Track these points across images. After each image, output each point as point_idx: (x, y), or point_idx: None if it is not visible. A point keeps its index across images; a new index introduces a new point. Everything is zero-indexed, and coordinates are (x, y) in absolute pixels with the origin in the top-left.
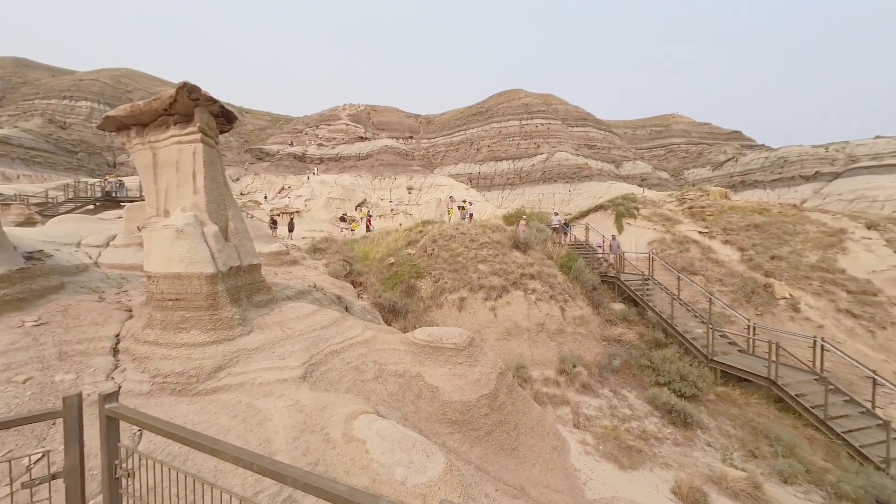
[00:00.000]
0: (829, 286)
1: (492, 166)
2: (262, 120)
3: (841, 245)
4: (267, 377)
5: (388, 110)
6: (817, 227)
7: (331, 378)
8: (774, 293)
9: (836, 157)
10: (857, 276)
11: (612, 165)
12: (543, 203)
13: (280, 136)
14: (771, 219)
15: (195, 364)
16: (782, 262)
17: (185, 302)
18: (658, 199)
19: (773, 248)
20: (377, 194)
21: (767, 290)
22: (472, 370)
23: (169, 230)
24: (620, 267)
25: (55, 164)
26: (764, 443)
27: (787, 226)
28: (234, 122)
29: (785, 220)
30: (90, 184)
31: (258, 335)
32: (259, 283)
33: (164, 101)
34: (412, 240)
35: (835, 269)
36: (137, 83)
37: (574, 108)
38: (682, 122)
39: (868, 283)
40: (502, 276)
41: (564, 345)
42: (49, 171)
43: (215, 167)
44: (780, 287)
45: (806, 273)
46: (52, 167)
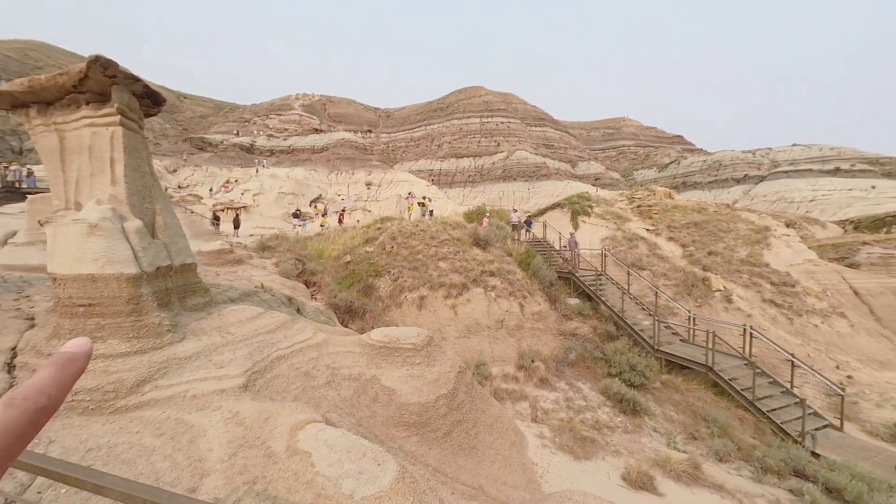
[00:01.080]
0: (756, 279)
1: (453, 163)
2: (203, 107)
3: (766, 241)
4: (202, 388)
5: (345, 102)
6: (747, 226)
7: (277, 386)
8: (711, 286)
9: (762, 162)
10: (779, 269)
11: (568, 165)
12: (504, 201)
13: (225, 125)
14: (708, 217)
15: (113, 378)
16: (718, 258)
17: (100, 307)
18: (610, 198)
19: (710, 245)
20: (334, 189)
21: (705, 284)
22: (430, 370)
23: (80, 225)
24: (576, 263)
25: None
26: (702, 425)
27: (721, 224)
28: (162, 105)
29: (720, 219)
30: None
31: (192, 342)
32: (194, 285)
33: (72, 76)
34: (370, 237)
35: (761, 263)
36: (49, 58)
37: (532, 107)
38: (631, 126)
39: (787, 276)
40: (463, 274)
41: (523, 340)
42: None
43: (139, 154)
44: (715, 280)
45: (737, 267)
46: None
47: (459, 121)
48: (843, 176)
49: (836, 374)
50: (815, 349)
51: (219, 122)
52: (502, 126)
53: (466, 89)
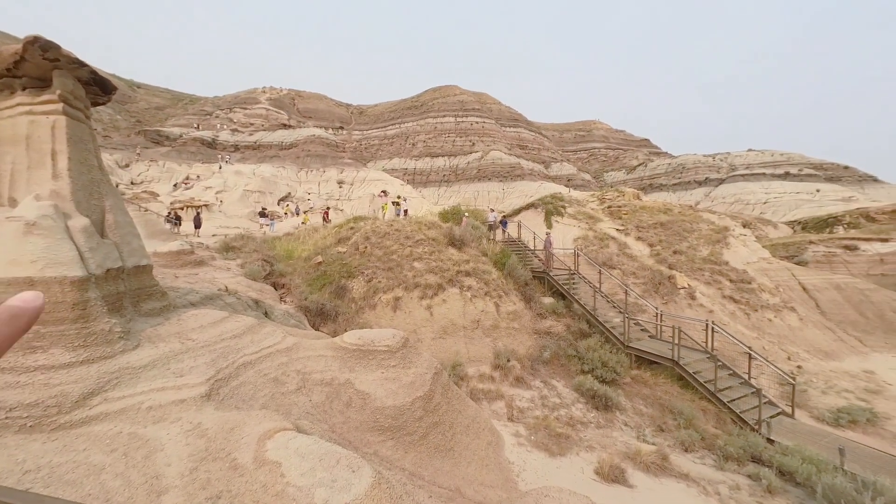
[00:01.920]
0: (717, 276)
1: (428, 162)
2: (160, 98)
3: (725, 241)
4: (159, 399)
5: (315, 97)
6: (708, 226)
7: (243, 394)
8: (676, 283)
9: (721, 166)
10: (737, 267)
11: (541, 166)
12: (479, 200)
13: (184, 118)
14: (673, 218)
15: (55, 391)
16: (682, 256)
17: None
18: (582, 198)
19: (675, 244)
20: (304, 188)
21: (671, 282)
22: (405, 372)
23: (15, 223)
24: (550, 263)
25: None
26: (669, 417)
27: (685, 224)
28: (112, 93)
29: (684, 219)
30: None
31: (148, 350)
32: (150, 288)
33: (5, 58)
34: (343, 237)
35: (721, 261)
36: None
37: (507, 108)
38: (602, 129)
39: (744, 273)
40: (438, 274)
41: (499, 340)
42: None
43: (86, 147)
44: (680, 278)
45: (700, 265)
46: None
47: (434, 119)
48: (792, 180)
49: (788, 365)
50: (769, 342)
51: (177, 115)
52: (477, 126)
53: (441, 88)
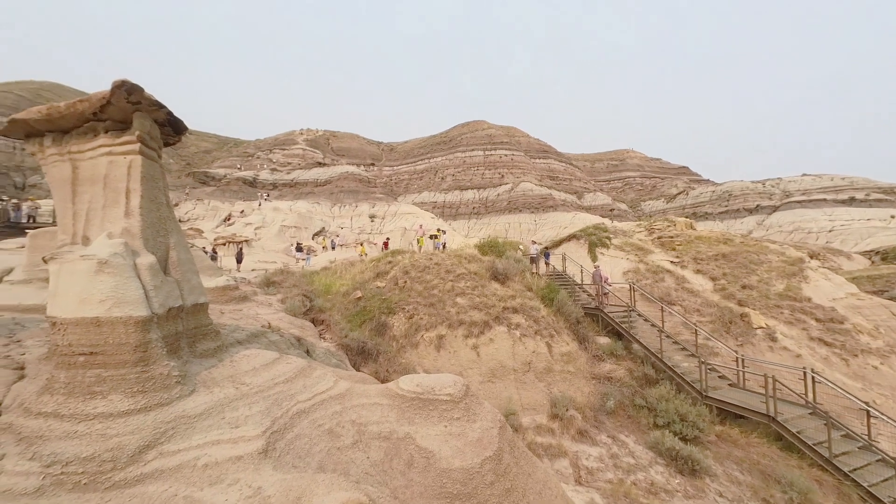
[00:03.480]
0: (798, 315)
1: (457, 195)
2: (208, 142)
3: (802, 274)
4: (215, 454)
5: (348, 136)
6: (778, 257)
7: (299, 449)
8: (751, 323)
9: (773, 192)
10: (822, 303)
11: (574, 196)
12: (510, 232)
13: (228, 160)
14: (735, 248)
15: (113, 443)
16: (753, 291)
17: (103, 356)
18: (628, 229)
19: (743, 278)
20: (337, 222)
21: (744, 320)
22: (471, 427)
23: (88, 262)
24: (602, 298)
25: None
26: (776, 489)
27: (751, 255)
28: (183, 133)
29: (749, 250)
30: None
31: (203, 396)
32: (206, 328)
33: (93, 102)
34: (381, 271)
35: (801, 297)
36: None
37: (535, 140)
38: (636, 157)
39: (833, 311)
40: (483, 311)
41: (553, 385)
42: None
43: (157, 185)
44: (755, 316)
45: (776, 302)
46: None
47: (463, 153)
48: (860, 206)
49: None
50: (879, 394)
51: (222, 157)
52: (506, 158)
53: (469, 123)
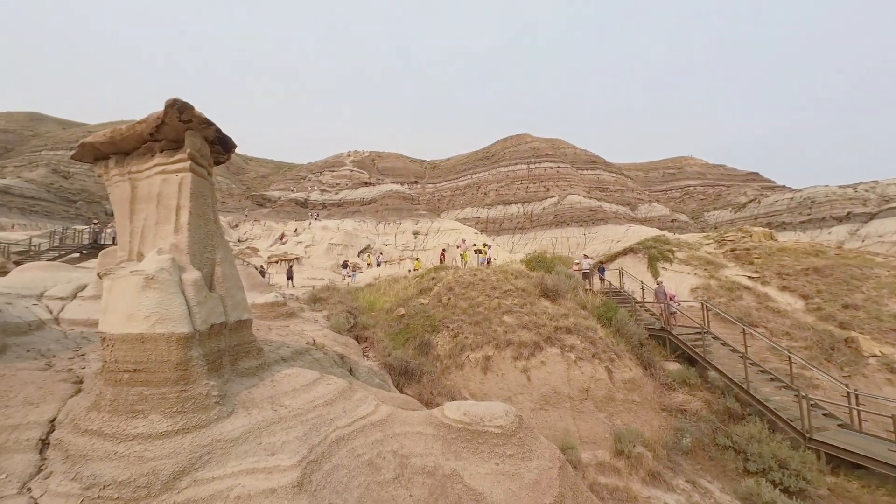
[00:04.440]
0: None
1: (500, 210)
2: (265, 167)
3: None
4: (248, 486)
5: (392, 156)
6: (889, 272)
7: (337, 483)
8: (860, 349)
9: (868, 197)
10: None
11: (627, 208)
12: (558, 247)
13: (283, 183)
14: (830, 261)
15: (148, 467)
16: (859, 312)
17: (146, 374)
18: (693, 241)
19: (844, 296)
20: (381, 239)
21: (850, 346)
22: (526, 466)
23: (136, 277)
24: (668, 319)
25: (52, 213)
26: None
27: (851, 269)
28: (232, 151)
29: (847, 263)
30: (78, 230)
31: (241, 418)
32: (248, 345)
33: (150, 123)
34: (424, 287)
35: None
36: None
37: (583, 151)
38: (696, 164)
39: None
40: (533, 330)
41: (616, 416)
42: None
43: (205, 201)
44: (865, 342)
45: (891, 325)
46: (49, 216)
47: (506, 168)
48: None
49: None
50: None
51: (278, 181)
52: (551, 171)
53: (511, 137)
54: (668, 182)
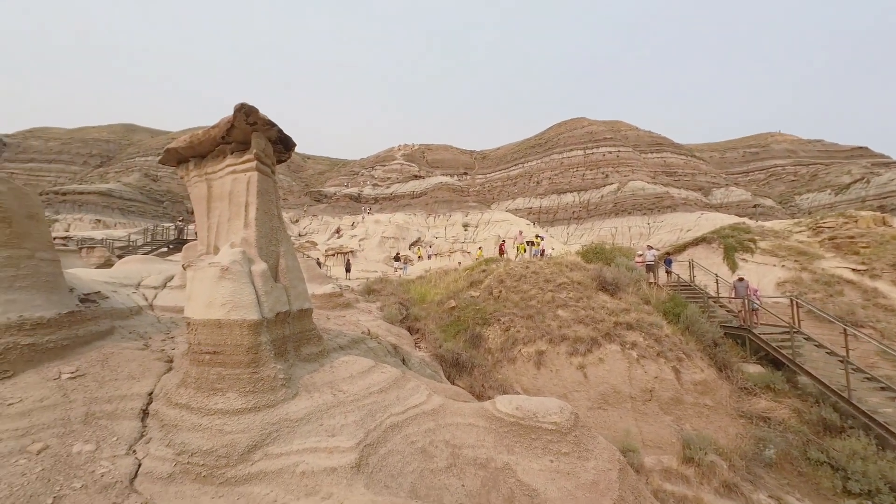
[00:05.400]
0: None
1: (554, 199)
2: (322, 164)
3: None
4: (312, 463)
5: (442, 148)
6: None
7: (391, 467)
8: None
9: None
10: None
11: (698, 194)
12: (617, 238)
13: (337, 179)
14: None
15: (227, 440)
16: None
17: (223, 356)
18: (780, 228)
19: None
20: (431, 232)
21: None
22: (583, 465)
23: (213, 269)
24: (748, 316)
25: (145, 213)
26: None
27: None
28: (293, 149)
29: None
30: (165, 227)
31: (304, 400)
32: (309, 333)
33: (221, 127)
34: (475, 280)
35: None
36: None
37: (646, 132)
38: (784, 141)
39: None
40: (590, 326)
41: (684, 420)
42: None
43: (269, 198)
44: None
45: None
46: (143, 215)
47: (560, 155)
48: None
49: None
50: None
51: (333, 177)
52: (610, 156)
53: (567, 122)
54: (750, 162)
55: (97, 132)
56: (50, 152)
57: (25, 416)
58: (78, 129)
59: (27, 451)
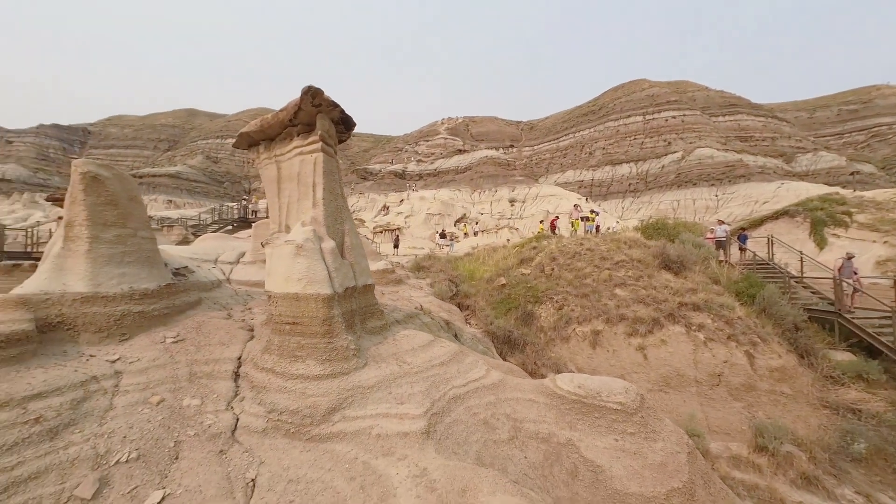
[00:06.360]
0: None
1: (608, 171)
2: (366, 142)
3: None
4: (385, 427)
5: (486, 120)
6: None
7: (457, 435)
8: None
9: None
10: None
11: (779, 160)
12: (680, 211)
13: (382, 156)
14: None
15: (310, 402)
16: None
17: (301, 326)
18: (885, 199)
19: None
20: (477, 208)
21: None
22: (650, 446)
23: (289, 246)
24: (844, 299)
25: (208, 193)
26: None
27: None
28: (353, 129)
29: None
30: (229, 206)
31: (373, 370)
32: (373, 307)
33: (289, 110)
34: (525, 257)
35: None
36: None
37: (717, 93)
38: (893, 95)
39: None
40: (651, 306)
41: (756, 407)
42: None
43: (334, 178)
44: None
45: None
46: (206, 195)
47: (616, 122)
48: None
49: None
50: None
51: (377, 154)
52: (674, 121)
53: (624, 85)
54: (846, 122)
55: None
56: (126, 139)
57: (144, 373)
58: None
59: (149, 402)
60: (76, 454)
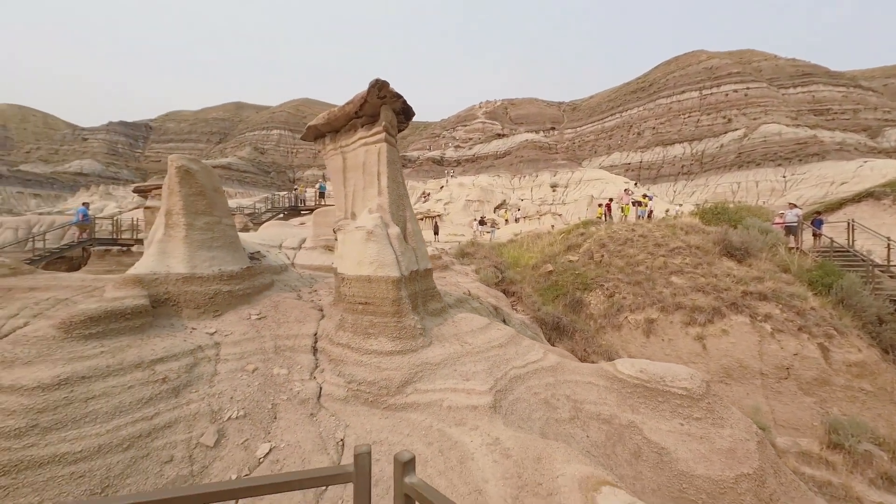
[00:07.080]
0: None
1: (658, 152)
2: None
3: None
4: (455, 400)
5: (526, 102)
6: None
7: (521, 411)
8: None
9: None
10: None
11: (862, 135)
12: (739, 195)
13: (420, 143)
14: None
15: (384, 375)
16: None
17: (373, 306)
18: None
19: None
20: (517, 194)
21: None
22: (718, 432)
23: (360, 232)
24: None
25: (256, 183)
26: None
27: None
28: (411, 119)
29: None
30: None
31: (438, 348)
32: (432, 290)
33: (356, 103)
34: (572, 244)
35: None
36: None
37: (788, 61)
38: None
39: None
40: (711, 294)
41: (830, 403)
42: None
43: (396, 167)
44: None
45: None
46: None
47: (668, 99)
48: None
49: None
50: None
51: (415, 141)
52: (735, 95)
53: (679, 58)
54: None
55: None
56: (182, 133)
57: (238, 345)
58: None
59: (245, 370)
60: (196, 409)
